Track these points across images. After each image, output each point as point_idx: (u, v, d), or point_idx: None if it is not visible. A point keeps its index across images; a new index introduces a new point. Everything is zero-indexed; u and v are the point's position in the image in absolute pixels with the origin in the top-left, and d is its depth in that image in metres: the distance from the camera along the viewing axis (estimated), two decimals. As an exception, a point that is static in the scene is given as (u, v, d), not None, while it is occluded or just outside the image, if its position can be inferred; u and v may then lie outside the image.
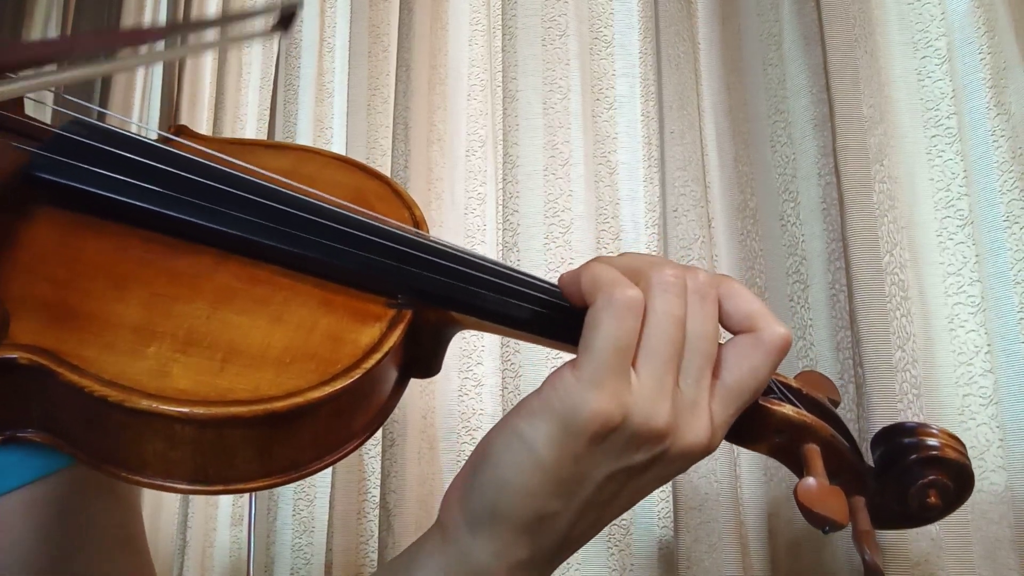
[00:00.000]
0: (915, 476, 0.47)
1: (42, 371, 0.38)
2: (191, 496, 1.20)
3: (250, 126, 1.36)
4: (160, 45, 0.49)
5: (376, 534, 0.96)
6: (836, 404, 0.50)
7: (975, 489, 0.71)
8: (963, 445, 0.48)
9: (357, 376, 0.40)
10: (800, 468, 0.46)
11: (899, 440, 0.48)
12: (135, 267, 0.43)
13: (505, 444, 0.41)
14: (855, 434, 0.73)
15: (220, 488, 0.40)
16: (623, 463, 0.41)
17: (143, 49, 0.48)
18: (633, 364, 0.40)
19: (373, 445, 1.02)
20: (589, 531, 0.44)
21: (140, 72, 1.49)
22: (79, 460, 0.41)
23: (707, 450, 0.42)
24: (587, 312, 0.41)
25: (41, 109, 0.55)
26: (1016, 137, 0.75)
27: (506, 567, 0.42)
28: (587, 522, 0.43)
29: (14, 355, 0.38)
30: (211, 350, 0.40)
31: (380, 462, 0.96)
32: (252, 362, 0.40)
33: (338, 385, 0.40)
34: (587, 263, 0.43)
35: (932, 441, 0.47)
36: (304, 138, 1.19)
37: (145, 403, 0.37)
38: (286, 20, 0.56)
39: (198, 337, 0.40)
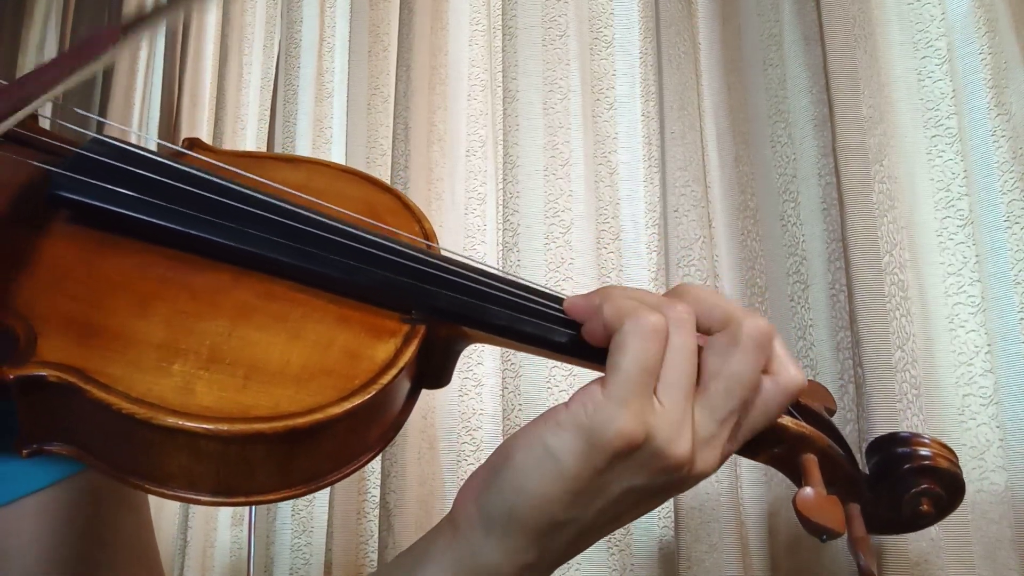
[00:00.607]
0: (908, 485, 0.48)
1: (70, 388, 0.39)
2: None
3: (250, 127, 1.36)
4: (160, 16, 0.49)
5: (376, 534, 0.96)
6: (832, 413, 0.51)
7: (975, 489, 0.72)
8: (955, 455, 0.49)
9: (374, 391, 0.41)
10: (798, 477, 0.47)
11: (893, 449, 0.49)
12: (156, 285, 0.44)
13: (529, 452, 0.42)
14: (855, 433, 0.73)
15: (242, 500, 0.41)
16: (640, 481, 0.42)
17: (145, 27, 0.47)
18: (655, 393, 0.42)
19: (373, 445, 1.02)
20: (594, 538, 0.46)
21: (140, 73, 1.49)
22: (104, 473, 0.41)
23: (711, 474, 0.44)
24: (613, 337, 0.42)
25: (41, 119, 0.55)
26: (1017, 137, 0.75)
27: (514, 567, 0.43)
28: (595, 530, 0.45)
29: (43, 373, 0.39)
30: (233, 367, 0.41)
31: (380, 462, 0.96)
32: (273, 379, 0.41)
33: (356, 401, 0.41)
34: (601, 292, 0.45)
35: (925, 451, 0.49)
36: (304, 138, 1.19)
37: (172, 420, 0.38)
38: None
39: (220, 354, 0.41)
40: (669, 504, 0.84)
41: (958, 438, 0.74)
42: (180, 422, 0.38)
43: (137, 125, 1.46)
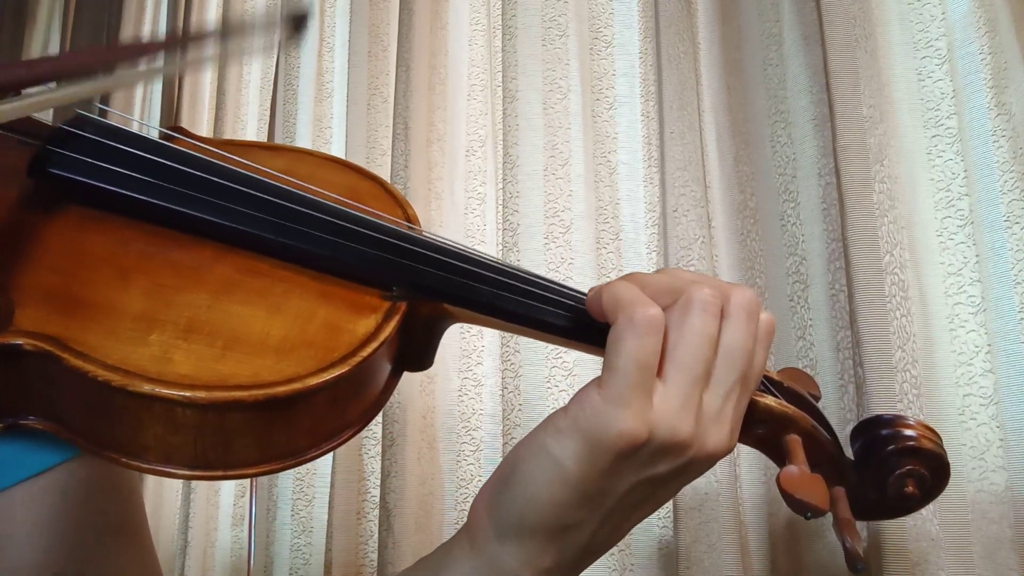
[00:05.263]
0: (893, 466, 0.49)
1: (47, 357, 0.39)
2: (192, 496, 1.20)
3: (251, 126, 1.36)
4: (160, 60, 0.49)
5: (376, 534, 0.96)
6: (817, 399, 0.52)
7: (975, 489, 0.72)
8: (939, 436, 0.50)
9: (354, 363, 0.41)
10: (783, 458, 0.47)
11: (877, 432, 0.50)
12: (138, 259, 0.44)
13: (533, 459, 0.42)
14: (855, 434, 0.73)
15: (220, 473, 0.41)
16: (647, 474, 0.42)
17: (143, 64, 0.48)
18: (660, 374, 0.41)
19: (373, 445, 1.02)
20: (612, 536, 0.46)
21: (141, 72, 1.49)
22: (79, 446, 0.41)
23: (727, 452, 0.44)
24: (609, 331, 0.42)
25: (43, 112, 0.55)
26: (1017, 137, 0.74)
27: (532, 573, 0.43)
28: (609, 528, 0.45)
29: (19, 341, 0.39)
30: (212, 337, 0.41)
31: (380, 462, 0.96)
32: (252, 349, 0.41)
33: (336, 372, 0.41)
34: (615, 281, 0.44)
35: (909, 432, 0.49)
36: (304, 138, 1.19)
37: (147, 387, 0.38)
38: (298, 22, 0.56)
39: (199, 325, 0.41)
40: (669, 504, 0.84)
41: (958, 438, 0.74)
42: (156, 389, 0.38)
43: (138, 127, 1.46)
